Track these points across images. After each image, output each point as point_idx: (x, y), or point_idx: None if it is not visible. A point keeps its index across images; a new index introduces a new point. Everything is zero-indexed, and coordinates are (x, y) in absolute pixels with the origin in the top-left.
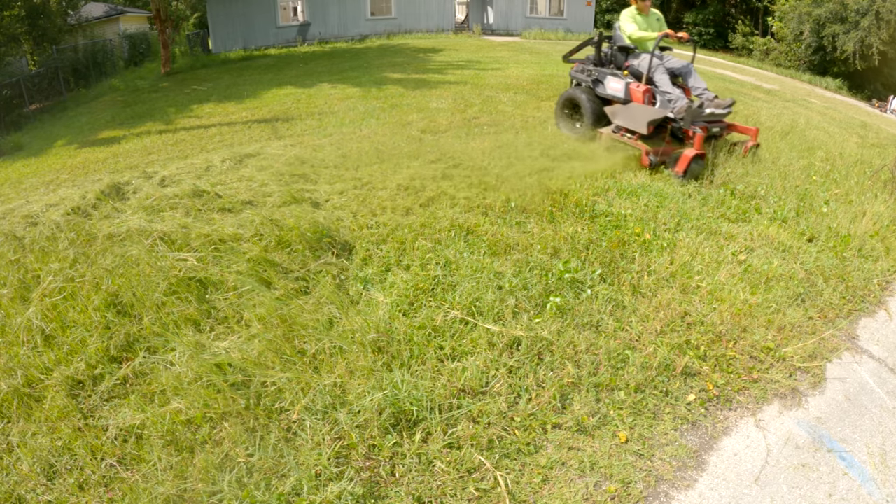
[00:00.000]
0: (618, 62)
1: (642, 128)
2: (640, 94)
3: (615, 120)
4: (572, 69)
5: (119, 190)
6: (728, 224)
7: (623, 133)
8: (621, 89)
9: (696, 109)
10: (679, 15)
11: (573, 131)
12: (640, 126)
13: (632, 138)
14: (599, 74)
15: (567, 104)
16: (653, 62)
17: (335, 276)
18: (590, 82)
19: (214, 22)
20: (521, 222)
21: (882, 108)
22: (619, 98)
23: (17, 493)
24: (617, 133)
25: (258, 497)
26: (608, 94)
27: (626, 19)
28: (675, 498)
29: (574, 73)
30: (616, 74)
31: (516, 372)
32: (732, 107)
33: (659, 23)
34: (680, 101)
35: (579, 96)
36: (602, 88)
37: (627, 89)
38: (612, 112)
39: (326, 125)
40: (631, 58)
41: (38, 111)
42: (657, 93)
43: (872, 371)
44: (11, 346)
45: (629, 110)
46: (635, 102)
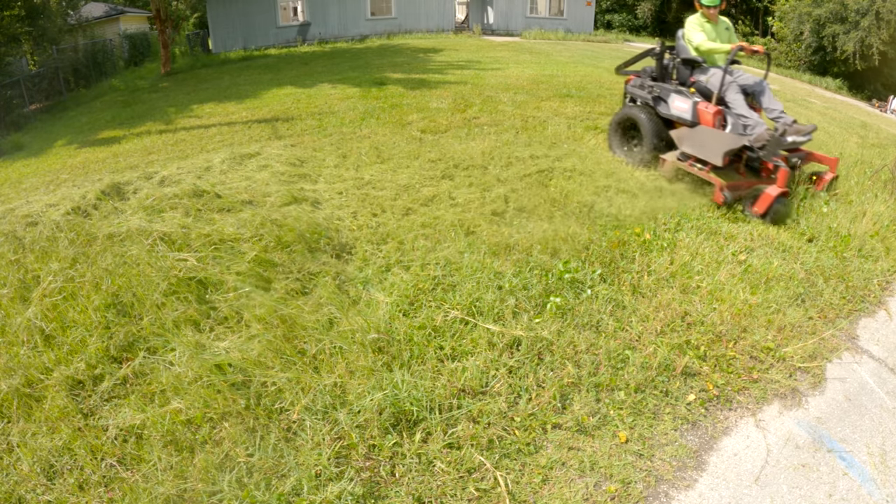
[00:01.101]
0: (681, 77)
1: (716, 158)
2: (710, 116)
3: (682, 146)
4: (628, 83)
5: (119, 190)
6: (728, 224)
7: (692, 162)
8: (688, 110)
9: (779, 138)
10: (679, 15)
11: (629, 156)
12: (714, 156)
13: (702, 169)
14: (662, 91)
15: (623, 124)
16: (725, 79)
17: (335, 276)
18: (650, 100)
19: (214, 22)
20: (521, 222)
21: (882, 108)
22: (685, 120)
23: (17, 493)
24: (684, 162)
25: (258, 497)
26: (672, 115)
27: (693, 28)
28: (675, 498)
29: (631, 89)
30: (681, 92)
31: (516, 372)
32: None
33: (728, 32)
34: (758, 128)
35: (638, 116)
36: (665, 107)
37: (695, 110)
38: (678, 137)
39: (326, 125)
40: (697, 72)
41: (38, 111)
42: (729, 115)
43: (872, 371)
44: (11, 346)
45: (700, 136)
46: (705, 126)
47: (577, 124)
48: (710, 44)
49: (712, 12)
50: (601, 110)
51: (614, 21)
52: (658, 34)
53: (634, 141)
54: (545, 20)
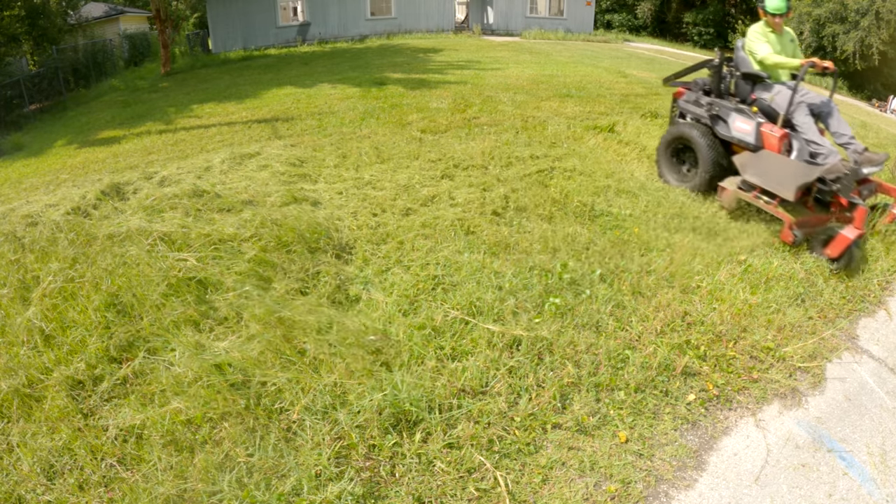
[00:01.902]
0: (740, 93)
1: (787, 191)
2: (776, 140)
3: (746, 174)
4: (678, 97)
5: (119, 190)
6: (728, 223)
7: (757, 194)
8: (751, 132)
9: (855, 169)
10: (679, 15)
11: (681, 181)
12: (786, 189)
13: (770, 203)
14: (722, 109)
15: (674, 144)
16: (791, 97)
17: (335, 276)
18: (707, 118)
19: (214, 22)
20: (521, 222)
21: (882, 108)
22: (747, 143)
23: (17, 493)
24: (748, 192)
25: (258, 497)
26: (732, 137)
27: (757, 38)
28: (675, 498)
29: (684, 104)
30: (743, 111)
31: (516, 372)
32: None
33: (793, 45)
34: (831, 158)
35: (693, 136)
36: (724, 128)
37: (759, 132)
38: (742, 163)
39: (326, 125)
40: (759, 89)
41: (38, 111)
42: (795, 139)
43: (872, 371)
44: (11, 346)
45: (767, 163)
46: (770, 151)
47: (577, 124)
48: (777, 57)
49: (777, 21)
50: (601, 110)
51: (614, 21)
52: (658, 34)
53: (687, 164)
54: (545, 20)
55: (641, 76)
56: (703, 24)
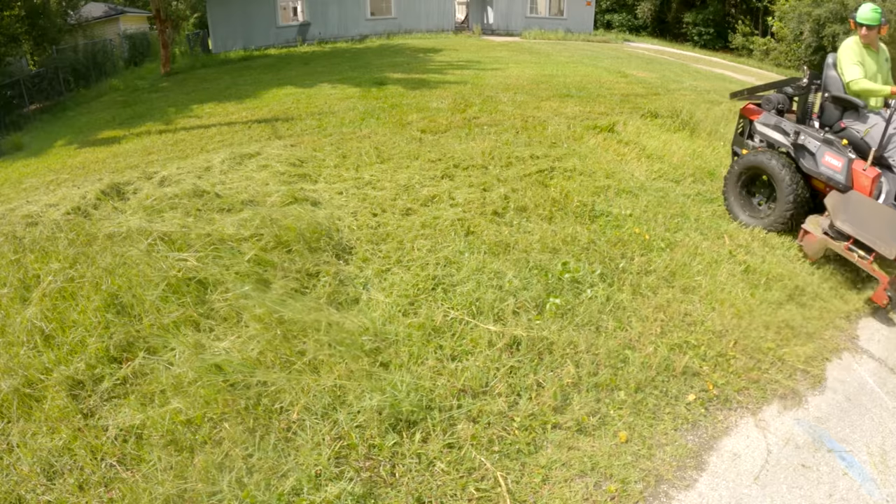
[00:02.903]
0: (828, 118)
1: (890, 248)
2: (868, 181)
3: (838, 221)
4: (750, 116)
5: (119, 190)
6: (727, 224)
7: (849, 245)
8: (841, 169)
9: None
10: (679, 15)
11: (753, 217)
12: (888, 245)
13: (864, 258)
14: (809, 139)
15: (746, 174)
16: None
17: (335, 275)
18: (790, 147)
19: (214, 22)
20: (522, 222)
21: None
22: (834, 181)
23: (17, 493)
24: (837, 241)
25: (258, 497)
26: (819, 173)
27: (849, 57)
28: (675, 498)
29: (763, 127)
30: (833, 143)
31: (516, 372)
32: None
33: (888, 65)
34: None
35: (773, 167)
36: (810, 161)
37: (849, 170)
38: (834, 207)
39: (326, 125)
40: (850, 116)
41: (38, 111)
42: (887, 180)
43: (872, 371)
44: (11, 346)
45: (865, 211)
46: (861, 194)
47: (577, 124)
48: (867, 83)
49: (872, 35)
50: (601, 110)
51: (614, 21)
52: (658, 34)
53: (761, 198)
54: (545, 20)
55: (641, 76)
56: (703, 24)
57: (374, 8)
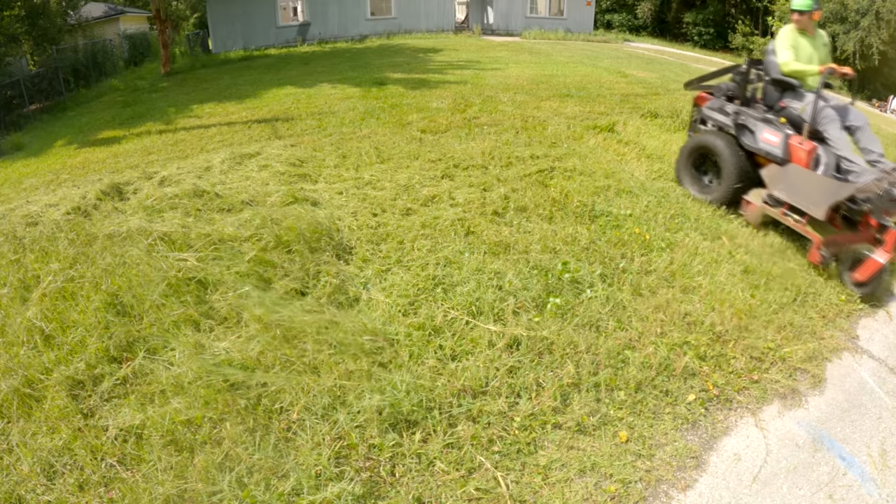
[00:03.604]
0: (769, 99)
1: (818, 210)
2: (804, 153)
3: (774, 189)
4: (700, 103)
5: (119, 190)
6: (727, 224)
7: (785, 211)
8: (779, 144)
9: (889, 190)
10: (679, 15)
11: (702, 192)
12: (816, 208)
13: (798, 221)
14: (749, 119)
15: (696, 153)
16: (822, 110)
17: (335, 276)
18: (732, 127)
19: (214, 22)
20: (522, 222)
21: (882, 108)
22: (774, 155)
23: (17, 493)
24: (775, 208)
25: (258, 497)
26: (759, 149)
27: (783, 42)
28: (675, 498)
29: (708, 112)
30: (771, 121)
31: (516, 372)
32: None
33: (825, 49)
34: (865, 176)
35: (718, 146)
36: (751, 139)
37: (787, 145)
38: (770, 177)
39: (326, 125)
40: (789, 96)
41: (38, 111)
42: (823, 153)
43: (872, 371)
44: (11, 346)
45: (797, 179)
46: (798, 166)
47: (577, 124)
48: (797, 64)
49: (806, 20)
50: (601, 110)
51: (614, 21)
52: (658, 34)
53: (710, 175)
54: (545, 20)
55: (641, 76)
56: (703, 24)
57: (374, 8)
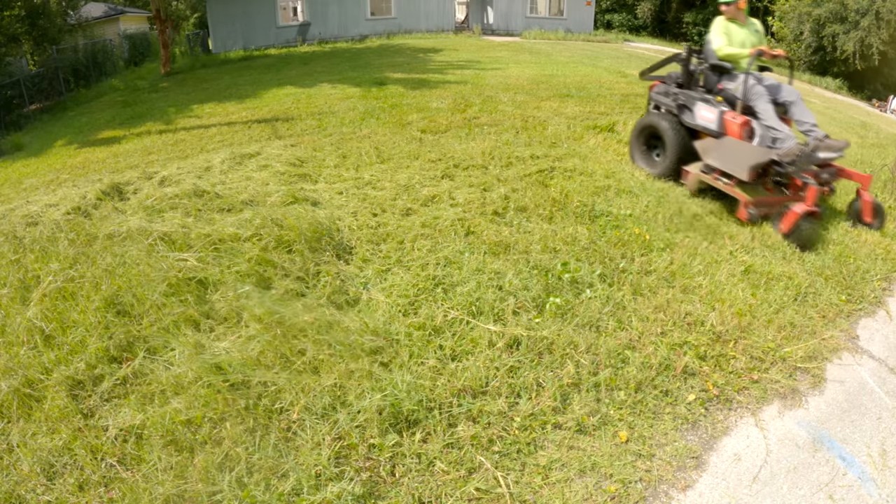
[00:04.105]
0: (709, 83)
1: (742, 172)
2: (737, 126)
3: (707, 158)
4: (652, 89)
5: (119, 190)
6: (728, 224)
7: (716, 176)
8: (714, 119)
9: (810, 153)
10: (679, 15)
11: (651, 166)
12: (740, 170)
13: (727, 184)
14: (687, 99)
15: (645, 133)
16: (752, 86)
17: (335, 275)
18: (674, 108)
19: (214, 22)
20: (522, 222)
21: (882, 108)
22: (710, 130)
23: (17, 493)
24: (708, 174)
25: (258, 497)
26: (697, 125)
27: (715, 30)
28: (675, 498)
29: (655, 96)
30: (708, 100)
31: (516, 372)
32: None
33: (758, 35)
34: (788, 142)
35: (661, 125)
36: (690, 116)
37: (721, 120)
38: (703, 148)
39: (326, 125)
40: (725, 79)
41: (38, 111)
42: (757, 126)
43: (872, 371)
44: (11, 346)
45: (725, 148)
46: (731, 137)
47: (577, 124)
48: (729, 49)
49: (733, 10)
50: (601, 110)
51: (614, 21)
52: (658, 34)
53: (657, 151)
54: (545, 20)
55: None
56: (703, 23)
57: (374, 8)
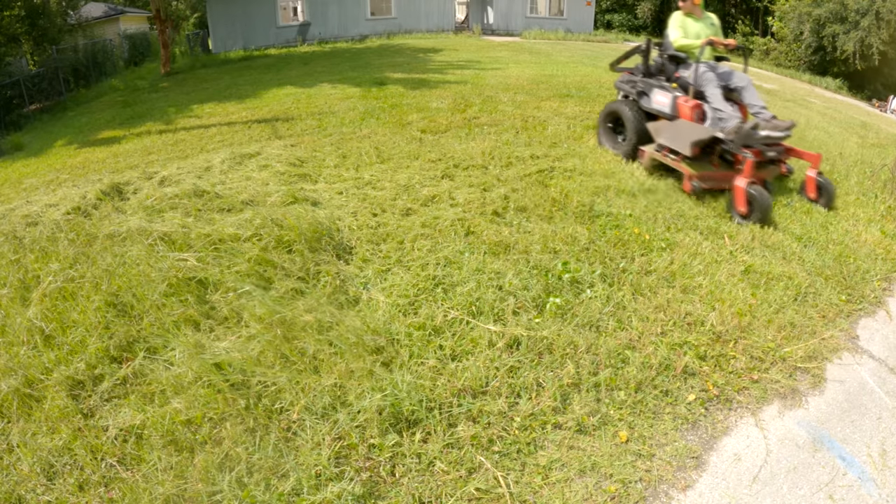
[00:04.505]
0: (668, 72)
1: (686, 148)
2: (688, 109)
3: (658, 138)
4: (618, 79)
5: (119, 190)
6: (727, 224)
7: (666, 153)
8: (668, 104)
9: (749, 130)
10: None
11: (615, 147)
12: (684, 146)
13: (675, 159)
14: (645, 86)
15: (610, 117)
16: (702, 73)
17: (335, 275)
18: (635, 94)
19: (214, 22)
20: (522, 222)
21: (882, 108)
22: (665, 113)
23: (17, 493)
24: (660, 152)
25: (258, 497)
26: (654, 109)
27: (672, 24)
28: (675, 498)
29: (619, 84)
30: (664, 87)
31: (516, 372)
32: (792, 129)
33: (714, 28)
34: (731, 121)
35: (622, 109)
36: (647, 102)
37: (675, 104)
38: (655, 129)
39: (326, 125)
40: (681, 68)
41: (38, 111)
42: (708, 109)
43: (872, 371)
44: (11, 346)
45: (674, 128)
46: (682, 119)
47: (577, 124)
48: (683, 40)
49: (689, 5)
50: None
51: (614, 21)
52: (658, 34)
53: (621, 134)
54: (545, 20)
55: None
56: None
57: (374, 8)
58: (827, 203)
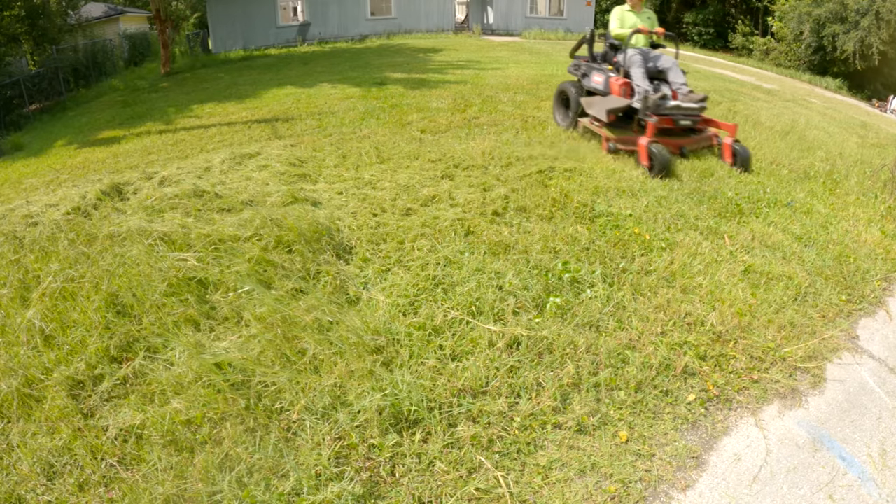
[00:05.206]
0: (610, 58)
1: (602, 115)
2: (617, 86)
3: (588, 110)
4: (570, 64)
5: (119, 190)
6: (727, 224)
7: (592, 121)
8: (602, 82)
9: (655, 100)
10: (679, 15)
11: (563, 121)
12: (602, 114)
13: (598, 126)
14: (587, 69)
15: (560, 96)
16: (629, 56)
17: (335, 275)
18: (579, 76)
19: (214, 22)
20: (522, 222)
21: (882, 108)
22: (600, 90)
23: (17, 493)
24: (589, 123)
25: (258, 497)
26: (592, 87)
27: (612, 17)
28: (675, 498)
29: (570, 68)
30: (600, 69)
31: (516, 372)
32: (706, 101)
33: (650, 21)
34: (648, 95)
35: (568, 89)
36: (588, 81)
37: (608, 82)
38: (586, 102)
39: (326, 125)
40: (619, 54)
41: (38, 111)
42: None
43: (872, 371)
44: (11, 346)
45: (599, 101)
46: (613, 95)
47: None
48: (619, 30)
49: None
50: None
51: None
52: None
53: (570, 110)
54: (545, 20)
55: None
56: (703, 24)
57: (374, 8)
58: (743, 166)
